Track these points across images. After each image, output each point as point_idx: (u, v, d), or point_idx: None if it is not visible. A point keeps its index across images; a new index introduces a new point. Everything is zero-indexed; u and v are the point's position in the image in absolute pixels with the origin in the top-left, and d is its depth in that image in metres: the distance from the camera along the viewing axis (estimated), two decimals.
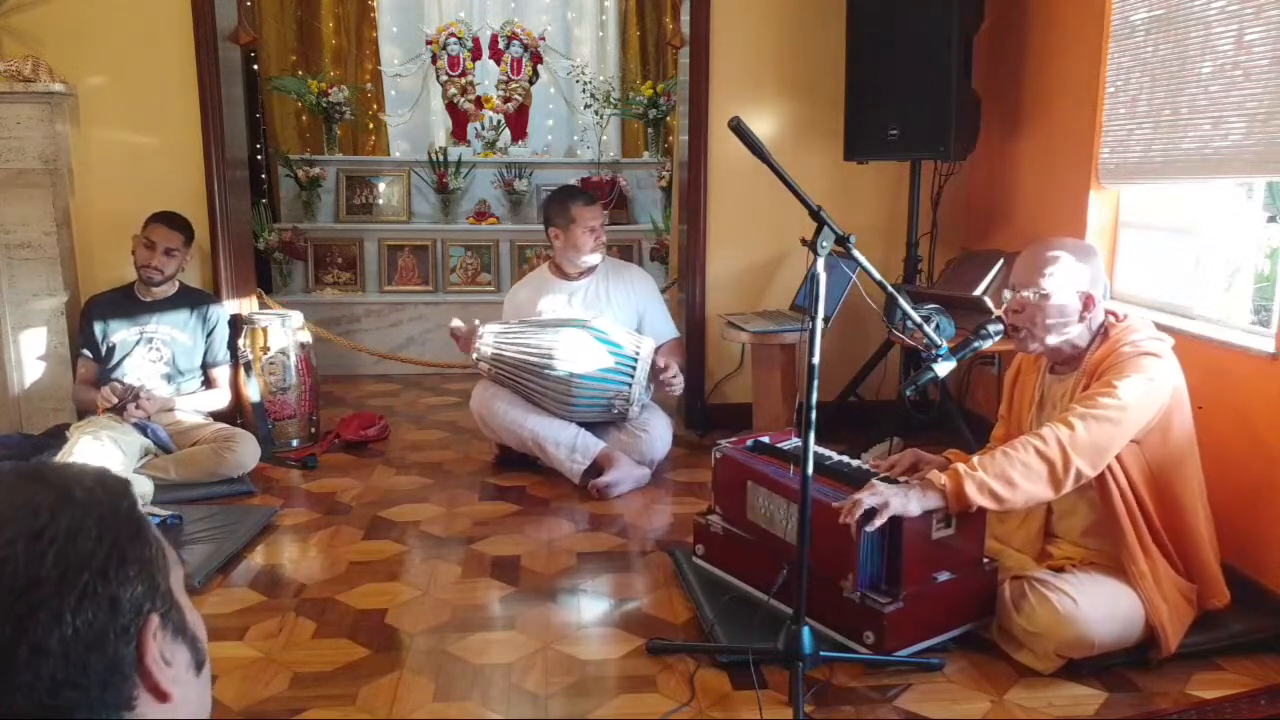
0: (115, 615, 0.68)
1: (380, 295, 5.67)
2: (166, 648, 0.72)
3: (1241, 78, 2.49)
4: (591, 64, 6.71)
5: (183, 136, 3.80)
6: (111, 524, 0.70)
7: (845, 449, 2.92)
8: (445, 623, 2.37)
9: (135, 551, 0.71)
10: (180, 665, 0.74)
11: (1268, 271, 2.78)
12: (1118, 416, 2.04)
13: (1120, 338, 2.16)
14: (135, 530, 0.72)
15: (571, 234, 3.53)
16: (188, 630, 0.76)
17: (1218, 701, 2.03)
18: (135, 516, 0.73)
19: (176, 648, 0.74)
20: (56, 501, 0.69)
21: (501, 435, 3.50)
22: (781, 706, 1.99)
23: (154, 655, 0.70)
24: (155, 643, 0.70)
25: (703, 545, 2.63)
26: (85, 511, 0.69)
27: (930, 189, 3.91)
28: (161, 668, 0.71)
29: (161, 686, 0.70)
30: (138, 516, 0.73)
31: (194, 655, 0.76)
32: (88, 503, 0.70)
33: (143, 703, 0.70)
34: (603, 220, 3.60)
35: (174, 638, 0.74)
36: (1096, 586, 2.11)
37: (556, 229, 3.56)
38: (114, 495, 0.73)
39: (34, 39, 3.67)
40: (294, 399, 3.84)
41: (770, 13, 3.92)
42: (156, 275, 3.50)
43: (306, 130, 6.30)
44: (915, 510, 2.05)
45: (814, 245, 1.99)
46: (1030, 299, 2.20)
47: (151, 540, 0.73)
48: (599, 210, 3.60)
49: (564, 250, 3.58)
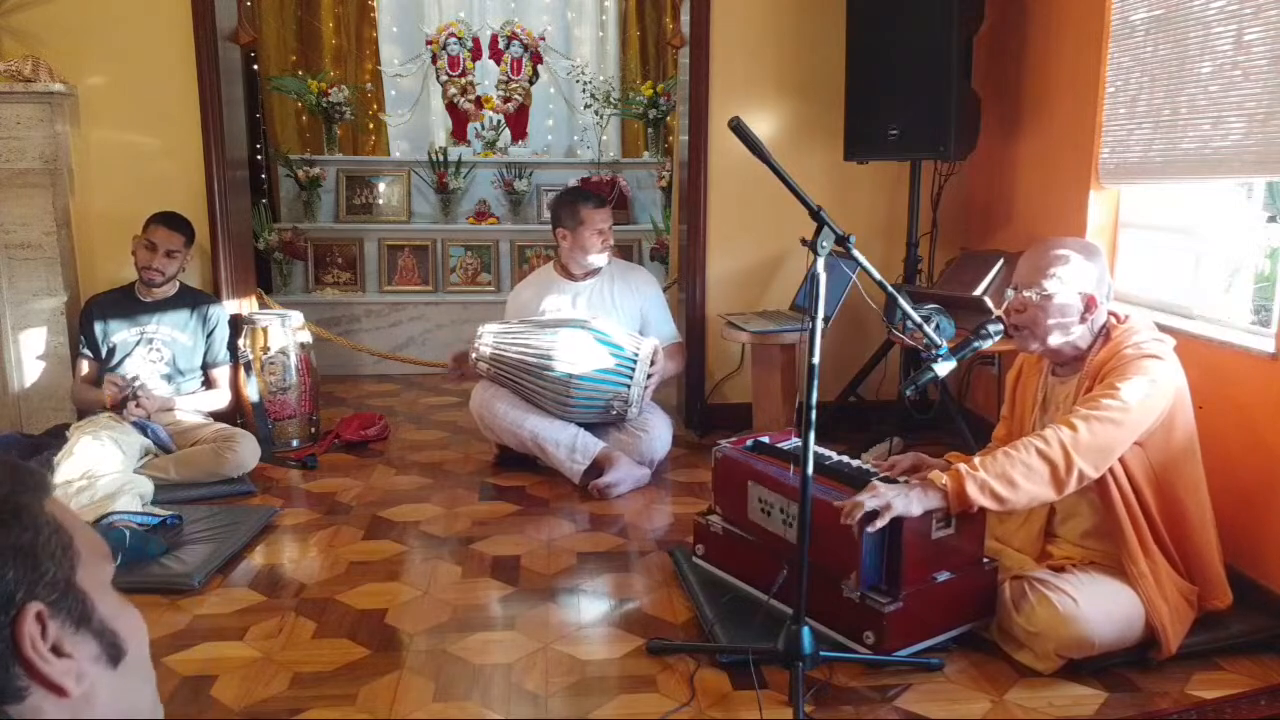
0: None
1: (380, 295, 5.67)
2: (64, 639, 0.71)
3: (1240, 78, 2.49)
4: (591, 64, 6.71)
5: (183, 136, 3.80)
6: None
7: (845, 449, 2.92)
8: (445, 623, 2.37)
9: (7, 540, 0.69)
10: (84, 658, 0.72)
11: (1268, 271, 2.78)
12: (1121, 419, 2.04)
13: (1122, 339, 2.16)
14: (10, 516, 0.70)
15: (579, 235, 3.54)
16: (93, 621, 0.74)
17: (1218, 701, 2.03)
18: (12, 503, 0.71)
19: (79, 640, 0.72)
20: None
21: (501, 435, 3.50)
22: (781, 706, 1.99)
23: (33, 646, 0.68)
24: (35, 633, 0.69)
25: (703, 545, 2.63)
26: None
27: (930, 189, 3.91)
28: (48, 660, 0.69)
29: (51, 679, 0.69)
30: (16, 503, 0.72)
31: (104, 648, 0.74)
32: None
33: (37, 696, 0.69)
34: (610, 223, 3.61)
35: (73, 629, 0.72)
36: (1097, 586, 2.11)
37: (564, 230, 3.57)
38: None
39: (34, 39, 3.67)
40: (294, 399, 3.84)
41: (770, 13, 3.92)
42: (158, 277, 3.50)
43: (306, 130, 6.29)
44: (917, 511, 2.05)
45: (814, 245, 1.99)
46: (1032, 299, 2.20)
47: (35, 527, 0.72)
48: (608, 213, 3.60)
49: (570, 251, 3.59)
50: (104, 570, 0.77)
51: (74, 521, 0.77)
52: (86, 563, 0.75)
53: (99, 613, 0.74)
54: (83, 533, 0.77)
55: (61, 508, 0.78)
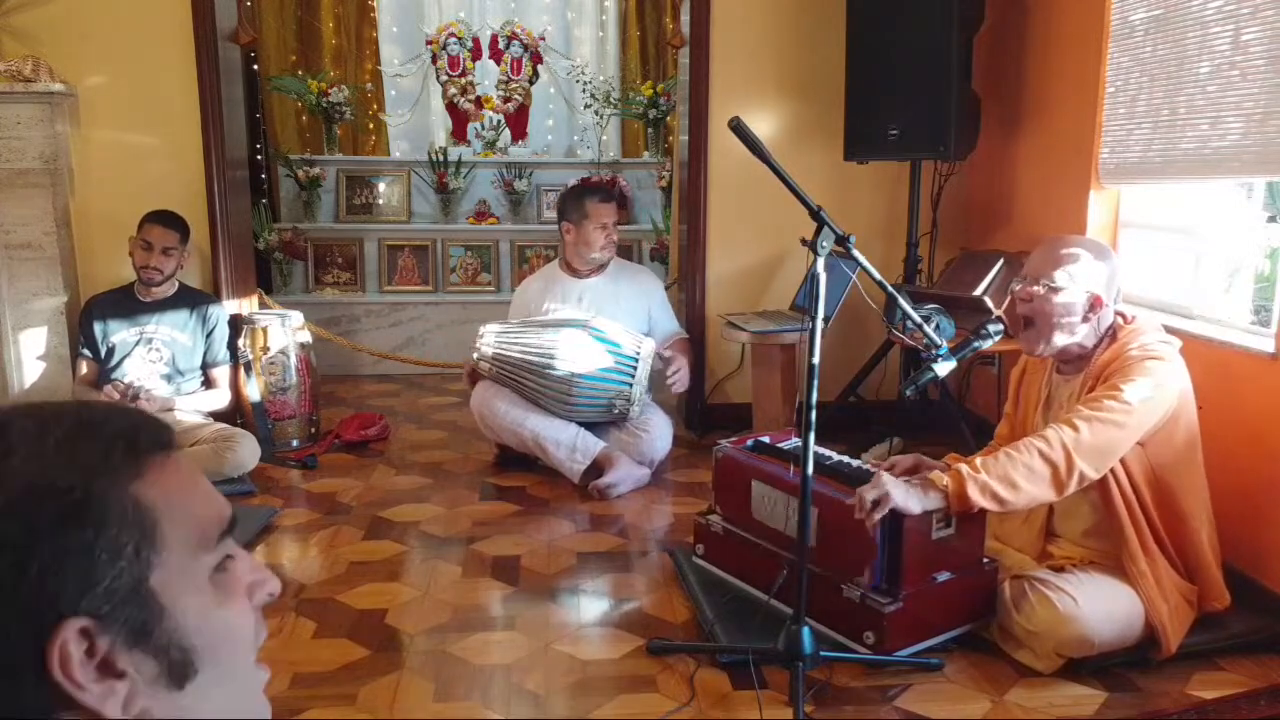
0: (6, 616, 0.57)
1: (380, 295, 5.67)
2: (117, 656, 0.60)
3: (1239, 78, 2.49)
4: (591, 64, 6.71)
5: (183, 136, 3.80)
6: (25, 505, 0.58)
7: (845, 449, 2.92)
8: (445, 623, 2.37)
9: (57, 541, 0.58)
10: (141, 678, 0.61)
11: (1268, 271, 2.78)
12: (1123, 420, 2.04)
13: (1128, 340, 2.16)
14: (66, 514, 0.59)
15: (584, 229, 3.55)
16: (156, 635, 0.62)
17: (1218, 701, 2.03)
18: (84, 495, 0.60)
19: (136, 657, 0.61)
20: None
21: (502, 435, 3.50)
22: (781, 706, 1.99)
23: (63, 668, 0.58)
24: (74, 652, 0.58)
25: (703, 545, 2.63)
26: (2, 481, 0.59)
27: (930, 189, 3.91)
28: (81, 685, 0.58)
29: (87, 705, 0.59)
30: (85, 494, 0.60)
31: (167, 667, 0.62)
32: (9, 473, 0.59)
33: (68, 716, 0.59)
34: (615, 219, 3.62)
35: (130, 644, 0.61)
36: (1097, 586, 2.11)
37: (569, 223, 3.58)
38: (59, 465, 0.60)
39: (34, 39, 3.67)
40: (294, 399, 3.84)
41: (770, 13, 3.92)
42: (156, 275, 3.50)
43: (306, 130, 6.29)
44: (915, 508, 2.05)
45: (814, 245, 1.99)
46: (1039, 291, 2.20)
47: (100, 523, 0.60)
48: (613, 209, 3.61)
49: (574, 245, 3.59)
50: (202, 561, 0.66)
51: (175, 499, 0.65)
52: (174, 559, 0.64)
53: (168, 623, 0.62)
54: (182, 515, 0.65)
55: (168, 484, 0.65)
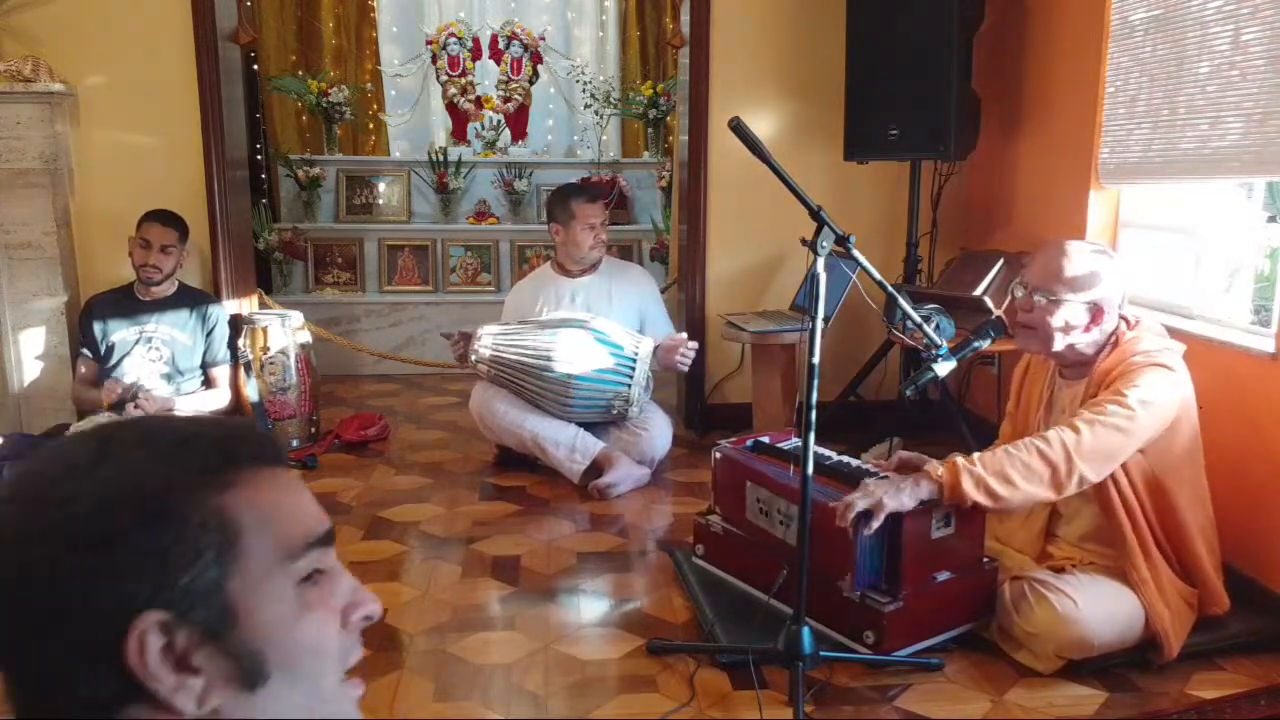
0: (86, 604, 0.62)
1: (380, 295, 5.67)
2: (193, 653, 0.64)
3: (1238, 78, 2.49)
4: (591, 64, 6.71)
5: (183, 136, 3.80)
6: (106, 509, 0.63)
7: (845, 449, 2.92)
8: (445, 623, 2.37)
9: (133, 543, 0.63)
10: (215, 676, 0.65)
11: (1268, 271, 2.78)
12: (1126, 426, 2.03)
13: (1132, 346, 2.14)
14: (142, 521, 0.64)
15: (572, 230, 3.55)
16: (229, 638, 0.66)
17: (1218, 701, 2.03)
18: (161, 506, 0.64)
19: (210, 656, 0.65)
20: (73, 470, 0.65)
21: (501, 436, 3.50)
22: (781, 706, 1.99)
23: (140, 658, 0.63)
24: (151, 644, 0.63)
25: (703, 545, 2.63)
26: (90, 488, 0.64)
27: (930, 189, 3.91)
28: (157, 676, 0.63)
29: (159, 697, 0.63)
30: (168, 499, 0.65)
31: (239, 669, 0.66)
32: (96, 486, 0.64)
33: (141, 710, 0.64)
34: (604, 218, 3.62)
35: (204, 643, 0.65)
36: (1096, 587, 2.11)
37: (558, 224, 3.58)
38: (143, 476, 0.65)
39: (34, 39, 3.67)
40: (294, 399, 3.84)
41: (770, 13, 3.92)
42: (155, 274, 3.50)
43: (306, 130, 6.29)
44: (909, 503, 2.03)
45: (814, 245, 1.99)
46: (1040, 303, 2.18)
47: (180, 528, 0.64)
48: (600, 208, 3.61)
49: (564, 246, 3.60)
50: (287, 571, 0.69)
51: (263, 511, 0.68)
52: (255, 569, 0.67)
53: (242, 629, 0.66)
54: (268, 527, 0.68)
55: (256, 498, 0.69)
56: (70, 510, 0.64)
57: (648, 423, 3.49)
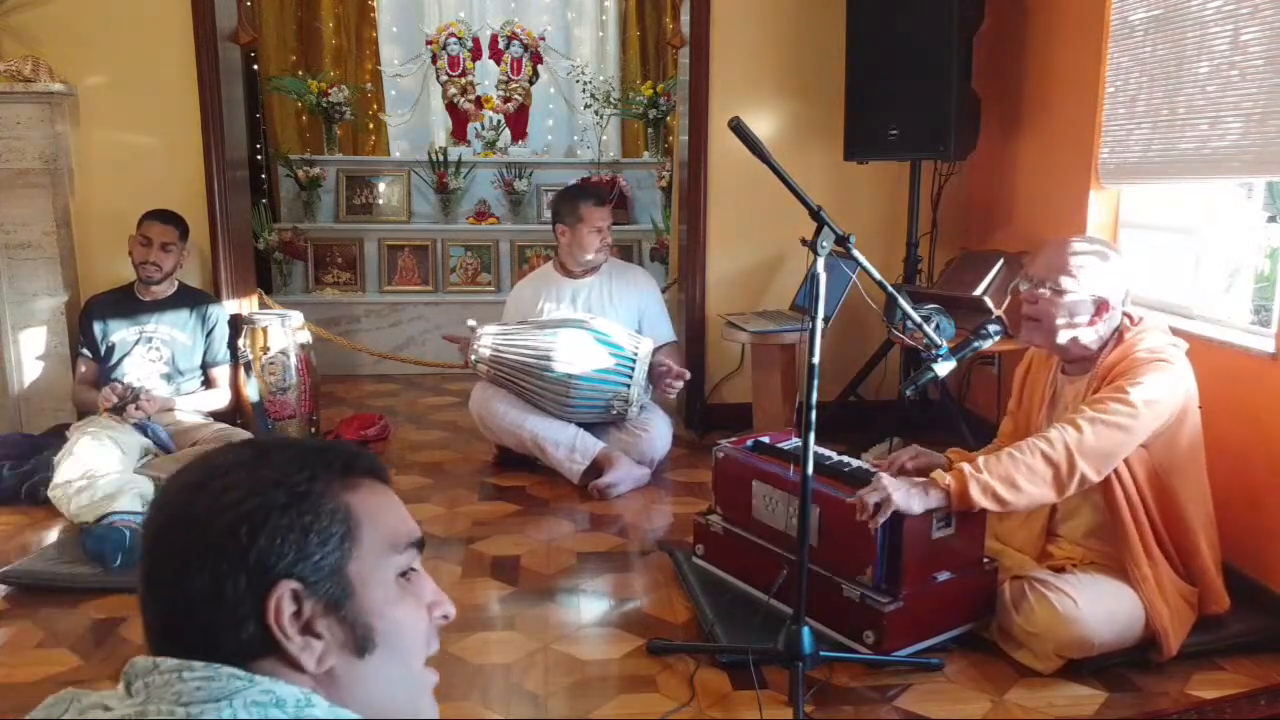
0: (238, 568, 0.75)
1: (380, 295, 5.67)
2: (316, 619, 0.77)
3: (1238, 78, 2.49)
4: (591, 64, 6.71)
5: (183, 136, 3.80)
6: (262, 490, 0.77)
7: (845, 449, 2.92)
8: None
9: (283, 519, 0.77)
10: (333, 641, 0.78)
11: (1268, 271, 2.78)
12: (1127, 423, 2.03)
13: (1134, 342, 2.14)
14: (291, 501, 0.78)
15: (578, 232, 3.55)
16: (347, 610, 0.79)
17: (1218, 701, 2.03)
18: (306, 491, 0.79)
19: (331, 623, 0.78)
20: (237, 464, 0.80)
21: (501, 436, 3.50)
22: (781, 706, 1.99)
23: (276, 617, 0.75)
24: (285, 607, 0.75)
25: (703, 545, 2.63)
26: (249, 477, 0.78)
27: (930, 189, 3.91)
28: (289, 635, 0.76)
29: (289, 653, 0.76)
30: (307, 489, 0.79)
31: (353, 638, 0.79)
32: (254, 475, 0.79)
33: (273, 662, 0.76)
34: (610, 222, 3.62)
35: (328, 612, 0.78)
36: (1096, 587, 2.11)
37: (564, 226, 3.58)
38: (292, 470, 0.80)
39: (34, 39, 3.67)
40: (294, 399, 3.84)
41: (770, 13, 3.92)
42: (155, 272, 3.49)
43: (306, 130, 6.29)
44: (918, 509, 2.05)
45: (814, 245, 1.99)
46: (1045, 294, 2.19)
47: (316, 512, 0.78)
48: (607, 212, 3.61)
49: (568, 247, 3.60)
50: (391, 561, 0.83)
51: (375, 511, 0.83)
52: (368, 555, 0.81)
53: (357, 604, 0.79)
54: (379, 524, 0.83)
55: (370, 500, 0.83)
56: (238, 493, 0.77)
57: (647, 423, 3.49)
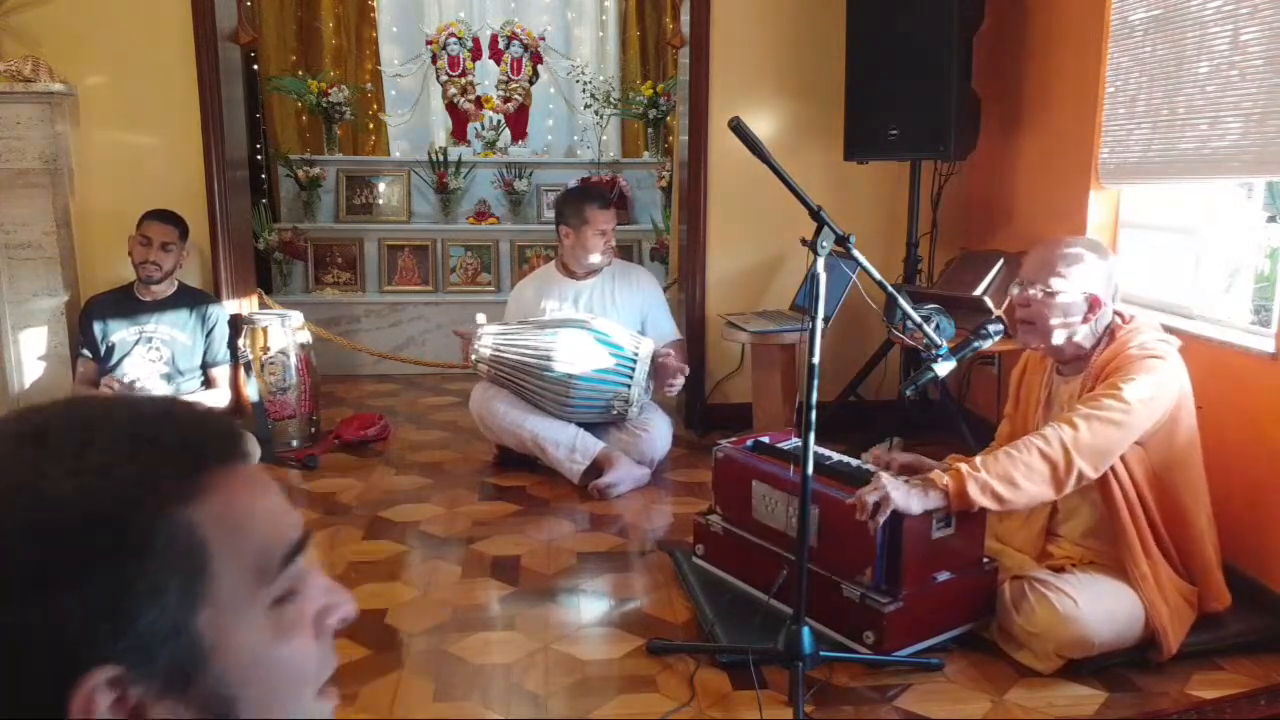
0: (20, 659, 0.50)
1: (380, 295, 5.67)
2: (149, 706, 0.52)
3: (1237, 78, 2.49)
4: (591, 64, 6.70)
5: (183, 136, 3.80)
6: (59, 534, 0.51)
7: (845, 449, 2.92)
8: (445, 623, 2.37)
9: (86, 582, 0.50)
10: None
11: (1268, 271, 2.78)
12: (1122, 419, 2.04)
13: (1127, 340, 2.16)
14: (103, 549, 0.51)
15: (583, 235, 3.54)
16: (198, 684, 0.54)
17: (1218, 701, 2.03)
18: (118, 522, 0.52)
19: (173, 706, 0.53)
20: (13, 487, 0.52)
21: (501, 436, 3.50)
22: (781, 706, 1.99)
23: (89, 718, 0.51)
24: (99, 701, 0.51)
25: (703, 545, 2.63)
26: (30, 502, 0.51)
27: (930, 189, 3.91)
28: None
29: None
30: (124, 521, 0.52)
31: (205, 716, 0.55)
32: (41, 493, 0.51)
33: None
34: (614, 225, 3.62)
35: (164, 694, 0.53)
36: (1096, 587, 2.11)
37: (568, 228, 3.57)
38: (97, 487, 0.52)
39: (34, 39, 3.67)
40: (294, 399, 3.84)
41: (770, 13, 3.92)
42: (155, 272, 3.50)
43: (306, 130, 6.29)
44: (916, 509, 2.05)
45: (814, 245, 1.99)
46: (1037, 295, 2.20)
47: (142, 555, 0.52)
48: (612, 215, 3.61)
49: (572, 249, 3.59)
50: (260, 594, 0.58)
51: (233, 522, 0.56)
52: (224, 593, 0.55)
53: (213, 669, 0.55)
54: (240, 543, 0.56)
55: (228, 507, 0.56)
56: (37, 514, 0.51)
57: (648, 423, 3.49)
